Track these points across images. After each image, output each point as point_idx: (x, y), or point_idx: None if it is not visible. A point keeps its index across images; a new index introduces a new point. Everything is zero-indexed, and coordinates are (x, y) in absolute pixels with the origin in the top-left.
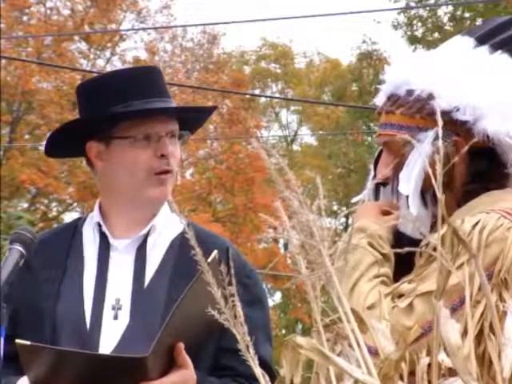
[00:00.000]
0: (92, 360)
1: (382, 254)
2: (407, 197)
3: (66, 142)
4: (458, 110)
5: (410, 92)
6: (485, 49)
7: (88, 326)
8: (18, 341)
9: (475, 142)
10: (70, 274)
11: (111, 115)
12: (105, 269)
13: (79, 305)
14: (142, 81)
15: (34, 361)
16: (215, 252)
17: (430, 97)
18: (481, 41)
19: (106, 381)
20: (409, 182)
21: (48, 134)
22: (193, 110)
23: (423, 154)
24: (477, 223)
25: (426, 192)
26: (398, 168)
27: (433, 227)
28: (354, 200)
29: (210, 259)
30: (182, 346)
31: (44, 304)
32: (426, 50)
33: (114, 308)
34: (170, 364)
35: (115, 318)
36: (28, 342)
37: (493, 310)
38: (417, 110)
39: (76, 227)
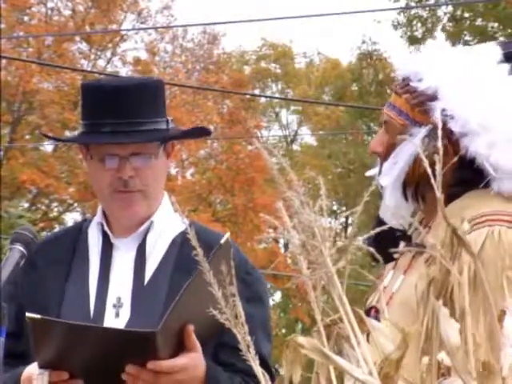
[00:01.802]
0: (102, 334)
1: None
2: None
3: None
4: (452, 118)
5: (420, 83)
6: (506, 67)
7: (91, 324)
8: (28, 314)
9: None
10: (75, 273)
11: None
12: (107, 268)
13: (84, 303)
14: (122, 99)
15: (44, 336)
16: (228, 234)
17: (435, 95)
18: (508, 58)
19: (117, 358)
20: (389, 174)
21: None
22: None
23: (410, 150)
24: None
25: (408, 186)
26: (386, 155)
27: (420, 222)
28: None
29: (222, 241)
30: (191, 328)
31: (49, 301)
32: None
33: (115, 306)
34: (179, 347)
35: (117, 315)
36: (38, 316)
37: (492, 311)
38: (418, 103)
39: (81, 228)
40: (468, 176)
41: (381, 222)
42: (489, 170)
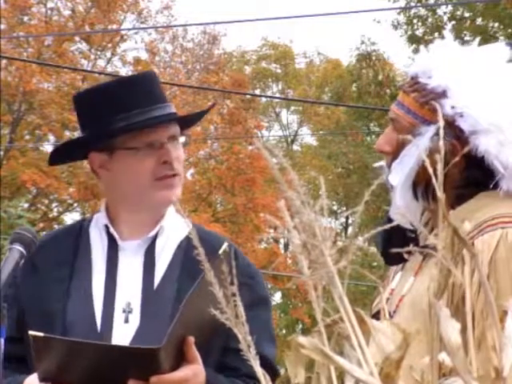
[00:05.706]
0: (105, 351)
1: None
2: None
3: (68, 153)
4: (461, 116)
5: (429, 81)
6: None
7: (99, 329)
8: (31, 332)
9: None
10: (78, 275)
11: (112, 130)
12: (114, 271)
13: (89, 307)
14: (139, 90)
15: (46, 353)
16: (226, 244)
17: (444, 94)
18: None
19: (119, 373)
20: (399, 173)
21: (51, 149)
22: (193, 116)
23: (419, 149)
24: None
25: (418, 185)
26: (395, 153)
27: (427, 222)
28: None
29: (220, 251)
30: (192, 340)
31: (54, 304)
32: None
33: (124, 311)
34: (179, 358)
35: (126, 321)
36: (41, 334)
37: (493, 310)
38: (427, 101)
39: (81, 228)
40: (477, 176)
41: (391, 222)
42: (499, 169)
